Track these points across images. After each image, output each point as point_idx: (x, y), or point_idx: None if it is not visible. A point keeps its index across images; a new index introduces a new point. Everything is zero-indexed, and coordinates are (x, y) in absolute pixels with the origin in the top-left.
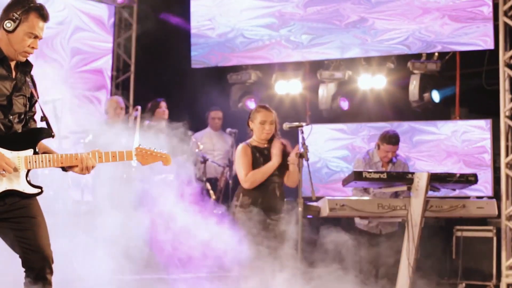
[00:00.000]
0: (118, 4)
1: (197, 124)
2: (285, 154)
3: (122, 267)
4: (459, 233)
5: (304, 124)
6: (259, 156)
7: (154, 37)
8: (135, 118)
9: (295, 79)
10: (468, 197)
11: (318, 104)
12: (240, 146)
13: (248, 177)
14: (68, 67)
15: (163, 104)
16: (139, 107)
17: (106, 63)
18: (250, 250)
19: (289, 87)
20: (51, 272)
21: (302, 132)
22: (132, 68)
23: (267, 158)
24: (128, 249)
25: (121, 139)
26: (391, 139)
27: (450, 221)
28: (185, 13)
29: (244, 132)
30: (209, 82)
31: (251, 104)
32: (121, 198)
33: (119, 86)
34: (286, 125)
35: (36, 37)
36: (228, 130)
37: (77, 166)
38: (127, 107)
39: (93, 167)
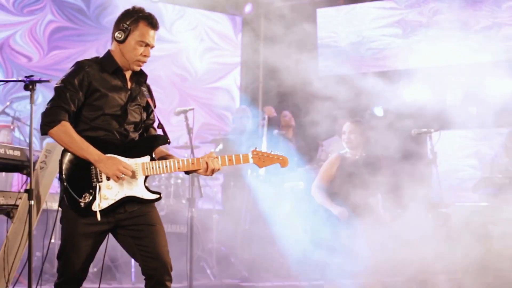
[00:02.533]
0: (245, 15)
1: (326, 133)
2: (377, 168)
3: None
4: None
5: (432, 130)
6: (346, 167)
7: (282, 46)
8: (263, 127)
9: (423, 86)
10: None
11: (446, 110)
12: (333, 155)
13: (313, 192)
14: (198, 82)
15: (290, 114)
16: (266, 117)
17: (234, 76)
18: None
19: (417, 93)
20: (171, 280)
21: (431, 138)
22: (260, 78)
23: (354, 171)
24: None
25: (249, 150)
26: None
27: None
28: (313, 21)
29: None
30: (337, 89)
31: (379, 111)
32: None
33: (248, 96)
34: (414, 132)
35: (147, 45)
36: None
37: (200, 169)
38: (255, 117)
39: (218, 169)
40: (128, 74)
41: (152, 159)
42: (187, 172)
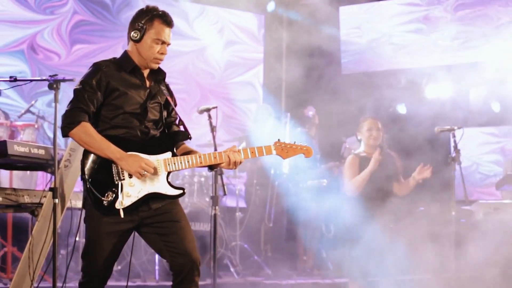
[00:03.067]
0: (268, 13)
1: (349, 130)
2: (394, 167)
3: None
4: None
5: (455, 127)
6: (366, 166)
7: (304, 44)
8: (286, 125)
9: (445, 83)
10: None
11: (469, 107)
12: (349, 157)
13: (347, 185)
14: (221, 78)
15: (313, 111)
16: (289, 114)
17: (257, 73)
18: None
19: (439, 91)
20: (199, 275)
21: (454, 136)
22: (283, 76)
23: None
24: None
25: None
26: None
27: None
28: (335, 19)
29: (394, 137)
30: (360, 87)
31: (402, 109)
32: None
33: (271, 94)
34: (437, 129)
35: (163, 42)
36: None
37: (222, 163)
38: (278, 115)
39: (240, 162)
40: (146, 72)
41: (174, 155)
42: (210, 169)
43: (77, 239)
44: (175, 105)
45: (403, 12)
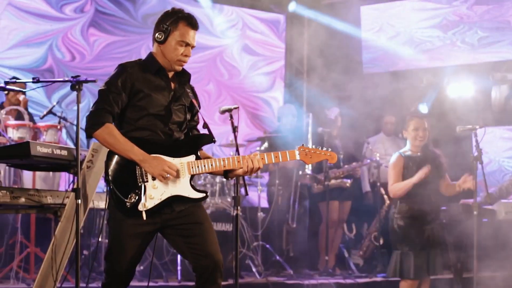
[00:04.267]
0: (289, 13)
1: (370, 130)
2: (439, 164)
3: None
4: None
5: (477, 126)
6: (412, 165)
7: (325, 44)
8: (308, 124)
9: (467, 82)
10: None
11: (491, 106)
12: (395, 155)
13: (391, 188)
14: (245, 72)
15: (334, 112)
16: (310, 114)
17: (279, 69)
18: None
19: (461, 90)
20: (221, 276)
21: (476, 135)
22: (304, 75)
23: (420, 167)
24: None
25: (296, 146)
26: None
27: None
28: (356, 19)
29: None
30: (381, 86)
31: (424, 108)
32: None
33: (292, 94)
34: (459, 128)
35: (187, 44)
36: (401, 134)
37: (240, 168)
38: (299, 114)
39: (258, 168)
40: (170, 74)
41: (198, 158)
42: (226, 177)
43: (99, 239)
44: (199, 107)
45: (425, 11)
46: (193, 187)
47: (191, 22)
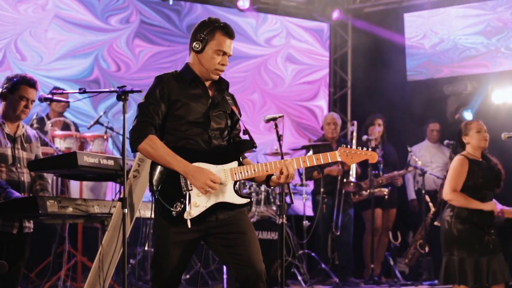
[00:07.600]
0: (333, 21)
1: (415, 137)
2: (498, 172)
3: None
4: None
5: None
6: (477, 170)
7: (369, 52)
8: (352, 133)
9: (511, 88)
10: None
11: None
12: (458, 157)
13: (453, 196)
14: (289, 81)
15: (379, 121)
16: (355, 122)
17: (323, 77)
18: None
19: (506, 96)
20: (264, 286)
21: None
22: (349, 84)
23: (485, 172)
24: None
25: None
26: None
27: None
28: (400, 26)
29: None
30: (426, 94)
31: (468, 115)
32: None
33: (337, 102)
34: (504, 135)
35: (224, 53)
36: (446, 142)
37: (280, 175)
38: (344, 123)
39: (292, 174)
40: (207, 83)
41: (240, 164)
42: (268, 185)
43: (146, 248)
44: (240, 115)
45: (469, 16)
46: (237, 193)
47: (228, 32)
